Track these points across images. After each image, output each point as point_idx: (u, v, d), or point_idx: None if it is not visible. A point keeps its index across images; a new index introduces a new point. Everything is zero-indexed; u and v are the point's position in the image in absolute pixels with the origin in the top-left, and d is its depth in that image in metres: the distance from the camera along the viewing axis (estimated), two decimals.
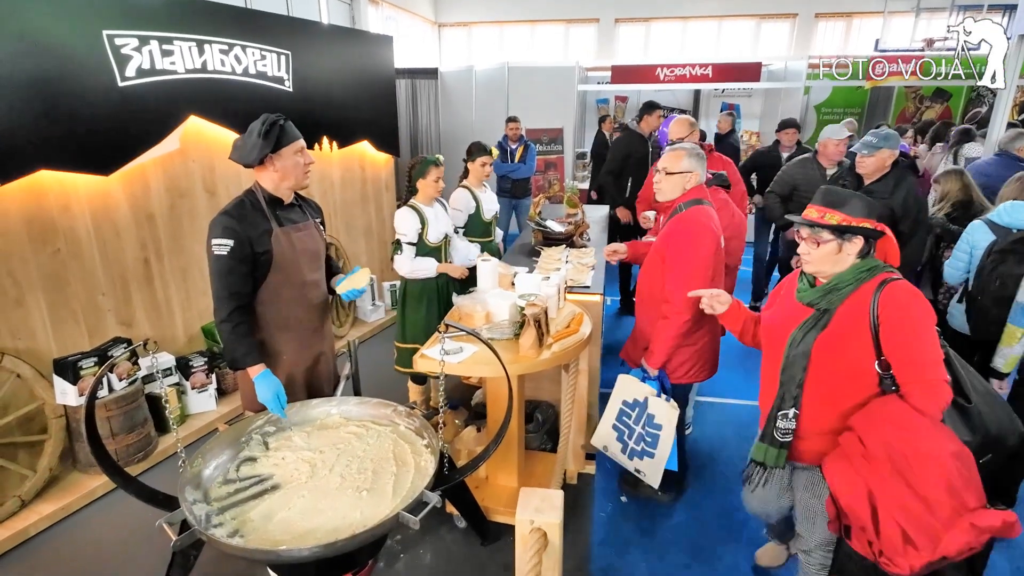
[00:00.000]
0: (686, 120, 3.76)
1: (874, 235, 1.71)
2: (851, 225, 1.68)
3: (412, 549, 2.52)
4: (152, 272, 3.42)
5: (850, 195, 1.72)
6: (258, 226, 2.01)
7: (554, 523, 1.36)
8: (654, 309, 2.44)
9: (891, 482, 1.61)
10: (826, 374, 1.74)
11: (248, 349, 2.00)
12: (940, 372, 1.61)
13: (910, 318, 1.63)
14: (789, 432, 1.80)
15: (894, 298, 1.65)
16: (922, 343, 1.62)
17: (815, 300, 1.75)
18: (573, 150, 8.41)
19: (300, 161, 2.08)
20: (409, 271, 3.06)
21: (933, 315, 1.66)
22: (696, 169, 2.43)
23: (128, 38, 3.05)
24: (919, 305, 1.65)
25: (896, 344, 1.63)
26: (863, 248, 1.72)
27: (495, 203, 3.77)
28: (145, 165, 3.29)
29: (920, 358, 1.62)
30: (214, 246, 1.94)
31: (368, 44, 5.07)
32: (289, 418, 1.98)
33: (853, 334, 1.68)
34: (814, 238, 1.74)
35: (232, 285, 1.97)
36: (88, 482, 2.89)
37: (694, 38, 11.27)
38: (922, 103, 8.58)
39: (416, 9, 10.79)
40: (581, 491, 2.88)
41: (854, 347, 1.68)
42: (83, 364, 2.82)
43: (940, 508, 1.54)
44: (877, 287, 1.67)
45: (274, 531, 1.50)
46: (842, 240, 1.70)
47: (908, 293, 1.65)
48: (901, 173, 3.18)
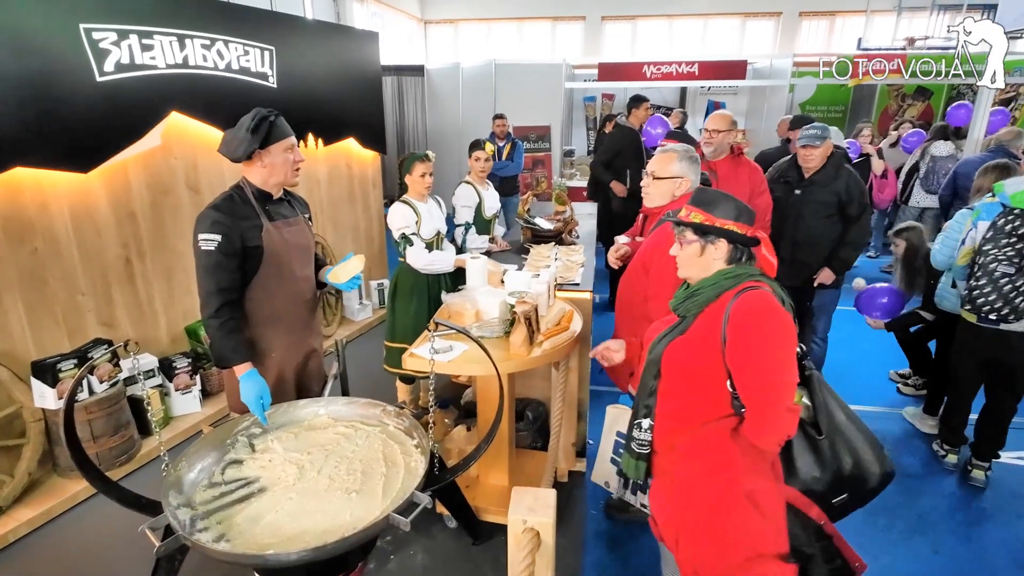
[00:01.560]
0: (727, 116, 3.42)
1: (740, 240, 1.55)
2: (712, 225, 1.54)
3: (403, 550, 2.49)
4: (134, 271, 3.35)
5: (721, 197, 1.58)
6: (248, 221, 1.98)
7: (547, 522, 1.34)
8: (633, 318, 2.33)
9: (689, 514, 1.53)
10: (677, 387, 1.58)
11: (236, 346, 1.97)
12: (782, 398, 1.43)
13: (756, 333, 1.44)
14: (646, 444, 1.64)
15: (742, 310, 1.46)
16: (767, 363, 1.43)
17: (677, 306, 1.62)
18: (560, 147, 8.41)
19: (289, 158, 2.03)
20: (425, 264, 3.00)
21: (787, 331, 1.45)
22: (688, 174, 2.27)
23: (106, 32, 2.98)
24: (771, 319, 1.44)
25: (739, 362, 1.45)
26: (732, 254, 1.56)
27: (497, 201, 3.75)
28: (126, 162, 3.22)
29: (762, 380, 1.43)
30: (201, 241, 1.90)
31: (353, 40, 5.01)
32: (276, 419, 1.94)
33: (704, 346, 1.51)
34: (679, 238, 1.62)
35: (220, 281, 1.93)
36: (69, 486, 2.82)
37: (680, 36, 11.33)
38: (904, 101, 8.69)
39: (402, 6, 10.71)
40: (573, 489, 2.86)
41: (705, 361, 1.51)
42: (62, 366, 2.75)
43: (730, 551, 1.45)
44: (735, 296, 1.49)
45: (261, 535, 1.47)
46: (704, 241, 1.57)
47: (760, 305, 1.45)
48: (838, 161, 3.38)
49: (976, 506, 2.84)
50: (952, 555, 2.53)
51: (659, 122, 5.24)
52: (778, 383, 1.43)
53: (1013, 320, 2.61)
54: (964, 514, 2.79)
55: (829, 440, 1.52)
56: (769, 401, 1.43)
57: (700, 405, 1.55)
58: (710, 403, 1.54)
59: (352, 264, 2.23)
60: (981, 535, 2.65)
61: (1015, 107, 7.80)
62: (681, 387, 1.57)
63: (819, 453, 1.52)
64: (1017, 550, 2.55)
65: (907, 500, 2.86)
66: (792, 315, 1.52)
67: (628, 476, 1.71)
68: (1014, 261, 2.56)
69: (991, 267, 2.62)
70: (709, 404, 1.54)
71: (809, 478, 1.51)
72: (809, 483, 1.51)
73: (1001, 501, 2.87)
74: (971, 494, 2.92)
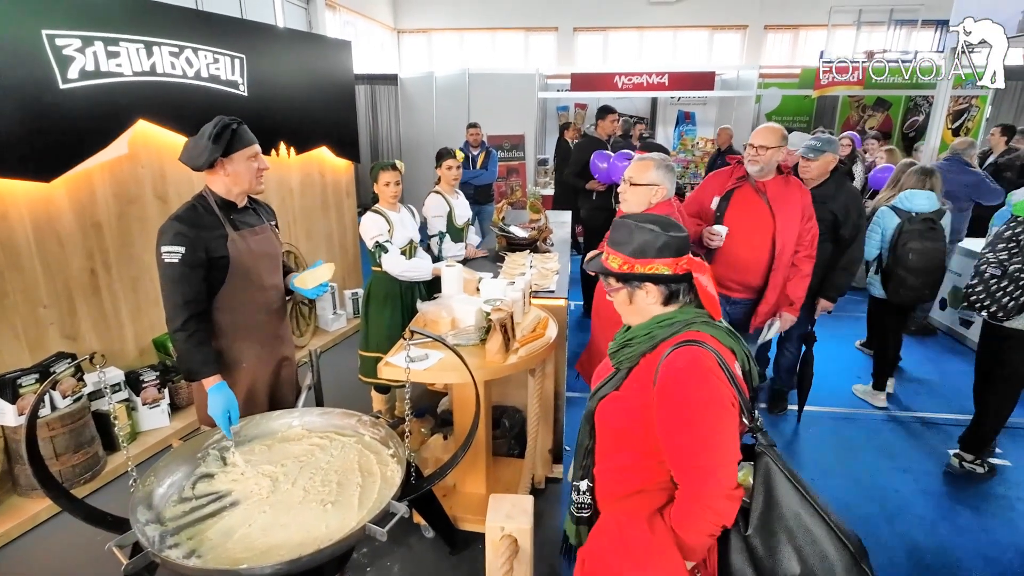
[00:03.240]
0: (777, 130, 2.75)
1: (668, 279, 1.32)
2: (631, 273, 1.32)
3: (380, 561, 2.46)
4: (99, 283, 3.26)
5: (637, 231, 1.32)
6: (212, 231, 1.94)
7: (525, 528, 1.35)
8: (609, 324, 2.40)
9: None
10: (612, 449, 1.39)
11: (205, 359, 1.93)
12: (713, 482, 1.19)
13: (683, 403, 1.21)
14: (585, 507, 1.46)
15: (669, 373, 1.23)
16: (694, 440, 1.20)
17: (612, 355, 1.41)
18: (535, 156, 8.48)
19: (253, 166, 2.00)
20: (403, 270, 2.99)
21: (719, 402, 1.21)
22: (664, 182, 2.32)
23: (70, 38, 2.91)
24: (701, 386, 1.21)
25: (664, 435, 1.24)
26: (665, 295, 1.33)
27: (468, 210, 3.76)
28: (91, 171, 3.14)
29: (689, 460, 1.21)
30: (164, 253, 1.86)
31: (326, 48, 4.98)
32: (249, 431, 1.91)
33: (637, 407, 1.30)
34: (605, 286, 1.41)
35: (186, 293, 1.89)
36: (30, 506, 2.72)
37: (651, 48, 11.55)
38: (865, 111, 9.01)
39: (375, 15, 10.70)
40: (550, 495, 2.88)
41: (638, 423, 1.30)
42: (23, 381, 2.66)
43: None
44: (669, 349, 1.26)
45: (234, 549, 1.44)
46: (630, 288, 1.35)
47: (688, 368, 1.22)
48: (841, 179, 3.27)
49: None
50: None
51: (625, 157, 5.31)
52: (705, 463, 1.19)
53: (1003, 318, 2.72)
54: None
55: (764, 538, 1.22)
56: (695, 484, 1.20)
57: (635, 471, 1.35)
58: (646, 471, 1.34)
59: (321, 271, 2.21)
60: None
61: (967, 119, 8.14)
62: (616, 450, 1.38)
63: (751, 551, 1.23)
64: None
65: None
66: (746, 373, 1.34)
67: (570, 541, 1.52)
68: (1003, 264, 2.68)
69: (981, 268, 2.76)
70: (645, 472, 1.34)
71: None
72: None
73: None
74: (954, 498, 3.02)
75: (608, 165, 4.59)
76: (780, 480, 1.24)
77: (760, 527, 1.22)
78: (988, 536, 2.68)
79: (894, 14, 9.59)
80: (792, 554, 1.19)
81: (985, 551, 2.58)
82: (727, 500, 1.19)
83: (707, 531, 1.22)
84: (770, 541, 1.21)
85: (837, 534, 1.19)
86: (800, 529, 1.20)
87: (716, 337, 1.30)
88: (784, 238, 2.76)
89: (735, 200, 2.83)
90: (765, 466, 1.25)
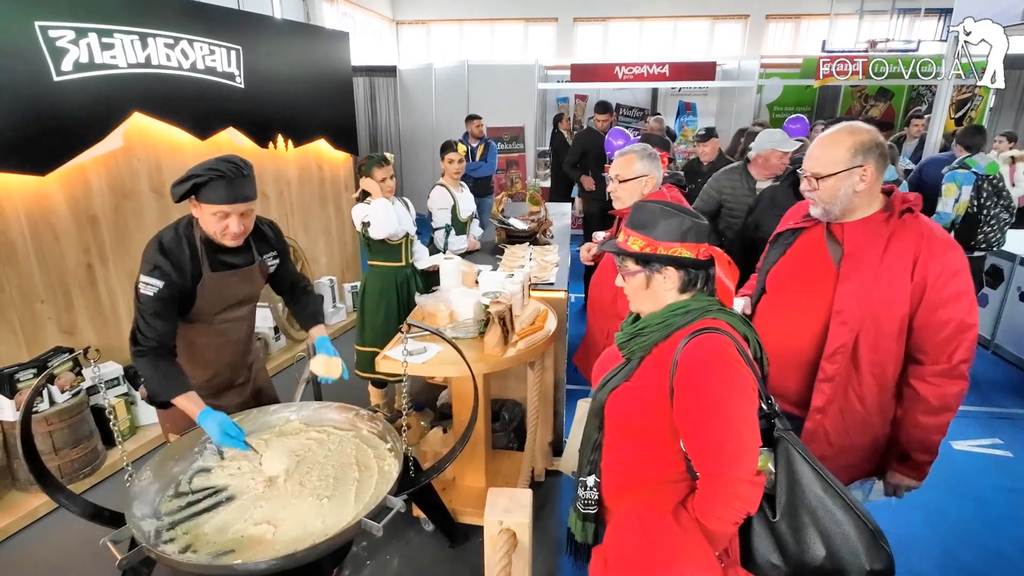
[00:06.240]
0: (842, 141, 1.71)
1: (691, 264, 1.29)
2: (654, 254, 1.28)
3: (379, 555, 2.46)
4: (96, 277, 3.25)
5: (661, 213, 1.29)
6: (189, 271, 1.81)
7: (523, 523, 1.34)
8: (605, 315, 2.38)
9: None
10: (622, 442, 1.37)
11: (172, 379, 1.77)
12: (736, 468, 1.19)
13: (705, 389, 1.20)
14: (592, 503, 1.44)
15: (691, 359, 1.22)
16: (717, 425, 1.20)
17: (621, 345, 1.38)
18: (534, 148, 8.43)
19: (220, 225, 1.77)
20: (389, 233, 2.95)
21: (742, 387, 1.21)
22: (651, 172, 2.30)
23: (64, 30, 2.88)
24: (724, 372, 1.20)
25: (686, 422, 1.24)
26: (684, 281, 1.31)
27: (472, 203, 3.74)
28: (86, 164, 3.12)
29: (712, 446, 1.21)
30: (142, 282, 1.75)
31: (323, 40, 4.94)
32: (247, 426, 1.89)
33: (652, 397, 1.28)
34: (621, 269, 1.38)
35: (156, 327, 1.76)
36: (28, 501, 2.72)
37: (651, 38, 11.45)
38: (867, 102, 8.94)
39: (373, 6, 10.61)
40: (549, 488, 2.87)
41: (652, 414, 1.28)
42: (20, 376, 2.65)
43: None
44: (687, 338, 1.25)
45: (229, 544, 1.43)
46: (649, 271, 1.31)
47: (711, 354, 1.21)
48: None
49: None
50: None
51: (620, 134, 5.32)
52: (730, 450, 1.19)
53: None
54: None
55: (790, 522, 1.23)
56: (720, 471, 1.20)
57: (648, 464, 1.33)
58: (660, 463, 1.32)
59: (334, 364, 2.02)
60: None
61: (971, 107, 8.08)
62: (627, 443, 1.36)
63: (777, 536, 1.24)
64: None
65: None
66: (758, 361, 1.32)
67: (576, 538, 1.48)
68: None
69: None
70: (658, 464, 1.32)
71: (766, 564, 1.26)
72: (767, 570, 1.27)
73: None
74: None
75: (624, 142, 4.67)
76: (801, 464, 1.25)
77: (786, 512, 1.23)
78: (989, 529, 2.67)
79: (896, 3, 9.50)
80: (816, 537, 1.22)
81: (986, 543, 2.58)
82: (751, 486, 1.20)
83: (732, 519, 1.21)
84: (795, 525, 1.23)
85: (857, 514, 1.22)
86: (823, 511, 1.22)
87: (731, 324, 1.29)
88: (848, 315, 1.60)
89: (796, 248, 1.80)
90: (785, 451, 1.26)
